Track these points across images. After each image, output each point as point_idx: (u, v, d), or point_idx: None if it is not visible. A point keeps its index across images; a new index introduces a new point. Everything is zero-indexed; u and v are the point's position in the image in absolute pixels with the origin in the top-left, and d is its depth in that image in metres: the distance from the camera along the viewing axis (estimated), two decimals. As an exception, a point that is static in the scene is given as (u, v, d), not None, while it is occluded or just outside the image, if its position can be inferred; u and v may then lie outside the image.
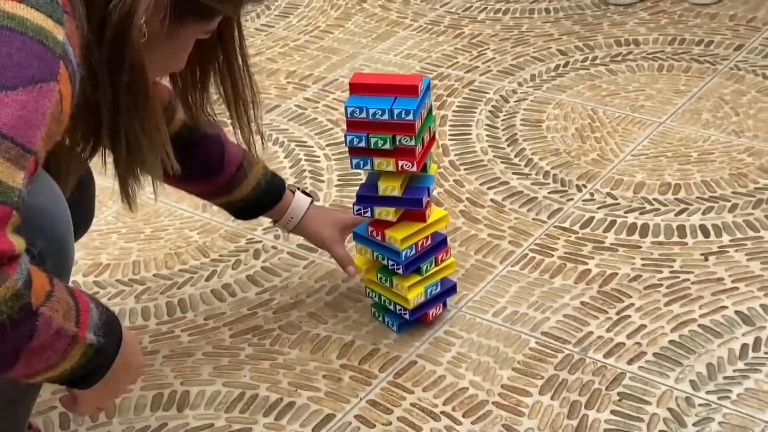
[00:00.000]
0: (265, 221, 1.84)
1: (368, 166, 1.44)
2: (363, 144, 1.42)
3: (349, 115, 1.41)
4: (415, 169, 1.43)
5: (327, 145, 2.07)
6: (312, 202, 1.58)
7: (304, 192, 1.58)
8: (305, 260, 1.74)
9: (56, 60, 0.94)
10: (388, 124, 1.40)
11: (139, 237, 1.83)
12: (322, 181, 1.95)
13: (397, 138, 1.41)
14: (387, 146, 1.41)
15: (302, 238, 1.65)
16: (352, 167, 1.44)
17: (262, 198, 1.53)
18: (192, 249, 1.79)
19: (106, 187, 1.96)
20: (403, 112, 1.39)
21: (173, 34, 1.12)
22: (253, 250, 1.77)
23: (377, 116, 1.40)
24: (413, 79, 1.42)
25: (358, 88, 1.42)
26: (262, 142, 1.38)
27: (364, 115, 1.40)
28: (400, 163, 1.43)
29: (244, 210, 1.55)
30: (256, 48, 2.46)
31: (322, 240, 1.57)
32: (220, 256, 1.76)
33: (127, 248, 1.80)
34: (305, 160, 2.02)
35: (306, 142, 2.08)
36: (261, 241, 1.79)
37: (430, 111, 1.48)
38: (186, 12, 1.11)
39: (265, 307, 1.64)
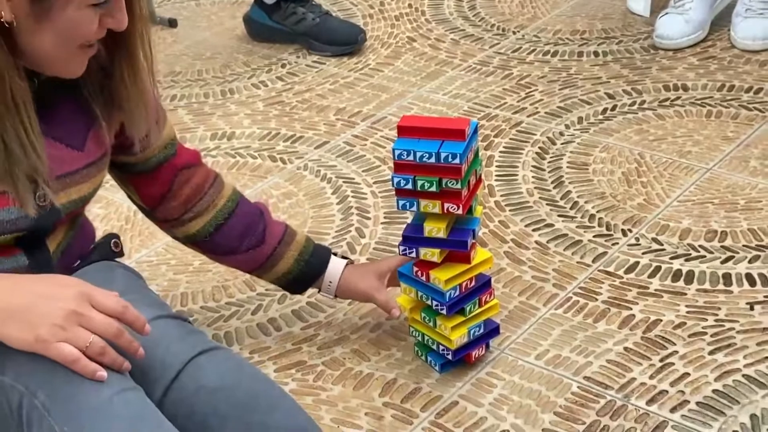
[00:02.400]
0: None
1: (414, 208, 1.46)
2: (410, 186, 1.44)
3: (396, 158, 1.43)
4: (460, 212, 1.45)
5: (374, 183, 2.09)
6: (348, 263, 1.60)
7: (343, 257, 1.62)
8: (360, 302, 1.76)
9: None
10: (434, 167, 1.42)
11: (187, 269, 1.86)
12: (369, 219, 1.98)
13: (444, 181, 1.43)
14: (433, 189, 1.43)
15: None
16: (398, 208, 1.46)
17: (305, 269, 1.58)
18: (239, 282, 1.82)
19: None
20: (450, 155, 1.41)
21: (44, 12, 1.12)
22: (298, 286, 1.80)
23: (424, 159, 1.42)
24: (461, 122, 1.44)
25: (406, 130, 1.44)
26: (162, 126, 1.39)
27: (411, 157, 1.42)
28: (446, 205, 1.45)
29: (294, 282, 1.59)
30: (306, 84, 2.50)
31: (362, 292, 1.59)
32: (266, 290, 1.79)
33: (175, 280, 1.84)
34: (352, 196, 2.05)
35: (353, 179, 2.11)
36: (307, 277, 1.82)
37: (476, 154, 1.50)
38: None
39: (310, 342, 1.66)
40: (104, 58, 1.26)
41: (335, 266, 1.59)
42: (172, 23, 2.84)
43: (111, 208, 2.05)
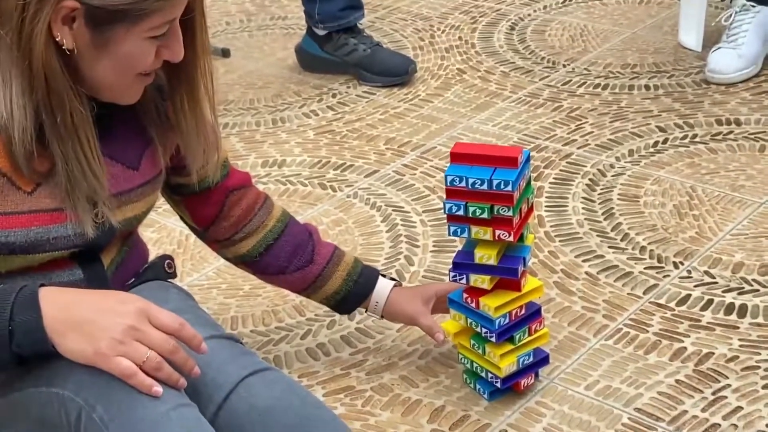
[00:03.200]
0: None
1: (465, 234, 1.46)
2: (461, 212, 1.45)
3: (448, 184, 1.44)
4: (511, 239, 1.45)
5: (423, 212, 2.10)
6: (395, 285, 1.61)
7: (391, 279, 1.62)
8: (398, 324, 1.76)
9: None
10: (486, 194, 1.43)
11: (238, 293, 1.88)
12: (418, 247, 1.98)
13: (495, 208, 1.43)
14: (485, 215, 1.44)
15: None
16: (449, 234, 1.47)
17: (353, 289, 1.59)
18: (288, 307, 1.83)
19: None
20: (503, 183, 1.41)
21: (104, 42, 1.15)
22: (347, 312, 1.80)
23: (476, 186, 1.42)
24: (513, 151, 1.45)
25: (458, 157, 1.45)
26: (218, 154, 1.40)
27: (463, 184, 1.43)
28: (497, 232, 1.45)
29: (342, 302, 1.60)
30: (356, 114, 2.52)
31: (408, 316, 1.60)
32: (315, 315, 1.80)
33: (226, 304, 1.85)
34: (402, 225, 2.06)
35: (403, 207, 2.12)
36: (356, 303, 1.82)
37: (529, 182, 1.50)
38: (103, 18, 1.13)
39: (358, 368, 1.66)
40: (163, 82, 1.29)
41: (383, 287, 1.60)
42: (225, 53, 2.89)
43: (163, 232, 2.07)
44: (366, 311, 1.63)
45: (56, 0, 1.12)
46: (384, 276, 1.62)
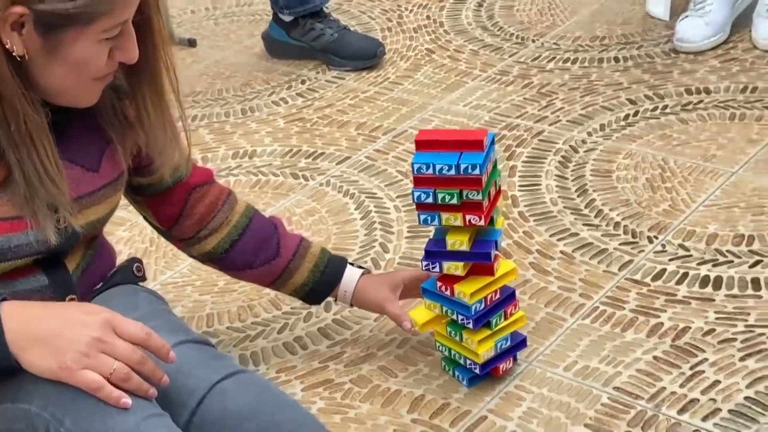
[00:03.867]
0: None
1: (436, 222, 1.45)
2: (430, 200, 1.43)
3: (416, 172, 1.43)
4: (482, 223, 1.44)
5: (397, 197, 2.09)
6: (364, 273, 1.60)
7: (359, 267, 1.62)
8: (376, 313, 1.75)
9: None
10: (454, 179, 1.42)
11: (213, 290, 1.87)
12: (392, 233, 1.97)
13: (464, 193, 1.42)
14: (454, 201, 1.43)
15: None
16: (420, 223, 1.46)
17: (321, 279, 1.58)
18: (264, 302, 1.81)
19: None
20: (470, 167, 1.40)
21: (55, 47, 1.13)
22: (324, 303, 1.79)
23: (444, 172, 1.41)
24: (478, 134, 1.44)
25: (424, 144, 1.44)
26: (189, 150, 1.39)
27: (431, 171, 1.42)
28: (468, 217, 1.44)
29: (311, 293, 1.60)
30: (326, 100, 2.50)
31: (376, 303, 1.59)
32: (291, 309, 1.79)
33: (201, 301, 1.84)
34: (375, 211, 2.05)
35: (376, 193, 2.11)
36: (332, 294, 1.82)
37: (495, 165, 1.49)
38: (52, 23, 1.12)
39: (336, 360, 1.66)
40: (121, 82, 1.27)
41: (350, 276, 1.59)
42: (191, 43, 2.86)
43: (135, 230, 2.05)
44: (335, 301, 1.62)
45: (3, 6, 1.09)
46: (352, 264, 1.61)
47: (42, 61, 1.15)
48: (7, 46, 1.12)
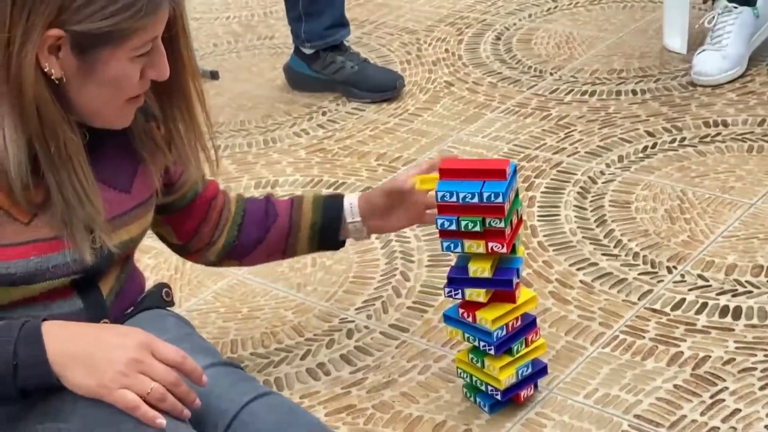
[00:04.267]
0: (357, 301, 1.89)
1: (459, 249, 1.48)
2: (453, 227, 1.46)
3: (439, 200, 1.45)
4: (504, 250, 1.46)
5: (417, 226, 2.11)
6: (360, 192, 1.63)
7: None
8: (397, 340, 1.77)
9: None
10: (478, 207, 1.44)
11: (236, 316, 1.89)
12: (413, 262, 1.99)
13: (487, 220, 1.45)
14: (477, 228, 1.45)
15: (395, 316, 1.68)
16: (443, 250, 1.48)
17: (325, 213, 1.60)
18: (287, 328, 1.84)
19: (205, 267, 2.04)
20: (493, 195, 1.43)
21: (91, 67, 1.17)
22: (346, 330, 1.81)
23: (467, 200, 1.44)
24: (501, 163, 1.46)
25: (447, 173, 1.47)
26: (216, 165, 1.42)
27: (454, 198, 1.44)
28: (490, 245, 1.46)
29: (323, 233, 1.61)
30: (347, 131, 2.53)
31: (384, 198, 1.59)
32: (314, 335, 1.81)
33: (225, 327, 1.86)
34: (396, 241, 2.07)
35: (397, 223, 2.13)
36: (354, 321, 1.84)
37: (516, 194, 1.52)
38: (87, 44, 1.15)
39: (359, 386, 1.67)
40: (149, 106, 1.31)
41: (350, 202, 1.60)
42: (214, 75, 2.90)
43: (161, 258, 2.08)
44: (355, 238, 1.64)
45: (41, 31, 1.13)
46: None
47: (78, 83, 1.18)
48: (45, 70, 1.15)
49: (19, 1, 1.13)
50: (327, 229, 1.61)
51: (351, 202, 1.61)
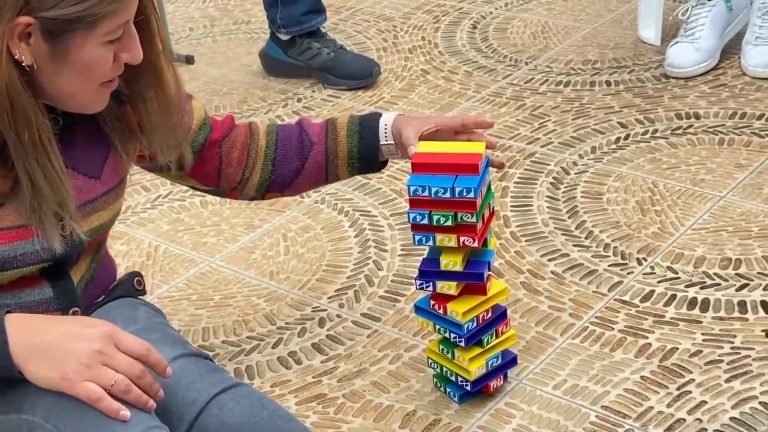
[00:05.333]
0: (330, 290, 1.89)
1: (430, 242, 1.48)
2: (425, 221, 1.47)
3: (411, 194, 1.46)
4: (476, 245, 1.47)
5: (391, 215, 2.12)
6: (398, 114, 1.57)
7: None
8: (369, 329, 1.78)
9: None
10: (450, 202, 1.45)
11: (208, 304, 1.89)
12: (386, 251, 2.00)
13: (459, 215, 1.46)
14: (449, 223, 1.46)
15: (367, 305, 1.69)
16: (415, 243, 1.49)
17: (360, 139, 1.55)
18: (259, 316, 1.84)
19: (178, 254, 2.04)
20: (465, 190, 1.43)
21: (63, 53, 1.16)
22: (318, 319, 1.82)
23: (439, 194, 1.44)
24: (473, 157, 1.47)
25: (420, 167, 1.47)
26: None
27: (426, 193, 1.45)
28: (462, 239, 1.47)
29: (363, 158, 1.56)
30: (322, 118, 2.52)
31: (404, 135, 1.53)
32: (286, 323, 1.81)
33: (197, 315, 1.86)
34: (369, 229, 2.08)
35: (370, 211, 2.14)
36: (326, 310, 1.84)
37: (489, 187, 1.53)
38: (58, 30, 1.14)
39: (330, 375, 1.68)
40: (121, 89, 1.30)
41: (385, 120, 1.55)
42: (189, 60, 2.89)
43: (132, 244, 2.08)
44: (391, 156, 1.58)
45: (10, 18, 1.12)
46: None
47: (50, 69, 1.17)
48: (15, 57, 1.14)
49: None
50: (364, 157, 1.57)
51: (386, 123, 1.55)
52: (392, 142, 1.55)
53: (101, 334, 1.12)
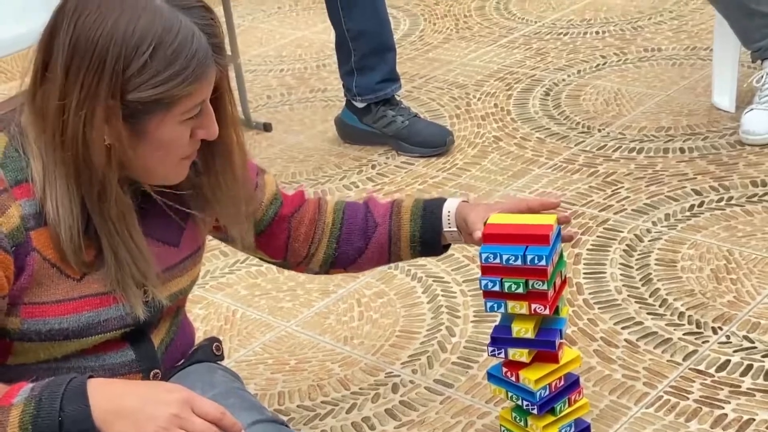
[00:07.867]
0: (403, 355, 1.91)
1: (502, 309, 1.50)
2: (497, 288, 1.48)
3: (483, 261, 1.48)
4: (547, 312, 1.48)
5: (463, 281, 2.14)
6: (462, 201, 1.58)
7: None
8: (442, 395, 1.79)
9: None
10: (521, 269, 1.46)
11: (284, 368, 1.93)
12: (459, 317, 2.02)
13: (530, 282, 1.47)
14: (520, 290, 1.47)
15: (440, 372, 1.70)
16: (486, 310, 1.50)
17: (422, 223, 1.57)
18: (333, 381, 1.87)
19: (254, 318, 2.09)
20: (536, 258, 1.45)
21: (142, 133, 1.21)
22: (391, 384, 1.84)
23: (511, 262, 1.46)
24: (544, 228, 1.48)
25: (491, 238, 1.49)
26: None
27: (498, 260, 1.47)
28: (533, 306, 1.48)
29: (424, 242, 1.58)
30: (396, 185, 2.58)
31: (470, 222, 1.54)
32: (360, 389, 1.84)
33: (273, 379, 1.90)
34: (442, 295, 2.10)
35: (443, 277, 2.16)
36: (399, 376, 1.86)
37: (561, 255, 1.54)
38: (138, 111, 1.19)
39: (402, 441, 1.70)
40: (197, 160, 1.35)
41: (449, 206, 1.57)
42: (266, 127, 2.97)
43: (211, 308, 2.13)
44: (453, 240, 1.58)
45: (104, 99, 1.18)
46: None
47: (131, 147, 1.23)
48: (101, 135, 1.20)
49: (73, 70, 1.18)
50: (426, 242, 1.59)
51: (449, 210, 1.57)
52: (455, 229, 1.57)
53: (179, 399, 1.16)
